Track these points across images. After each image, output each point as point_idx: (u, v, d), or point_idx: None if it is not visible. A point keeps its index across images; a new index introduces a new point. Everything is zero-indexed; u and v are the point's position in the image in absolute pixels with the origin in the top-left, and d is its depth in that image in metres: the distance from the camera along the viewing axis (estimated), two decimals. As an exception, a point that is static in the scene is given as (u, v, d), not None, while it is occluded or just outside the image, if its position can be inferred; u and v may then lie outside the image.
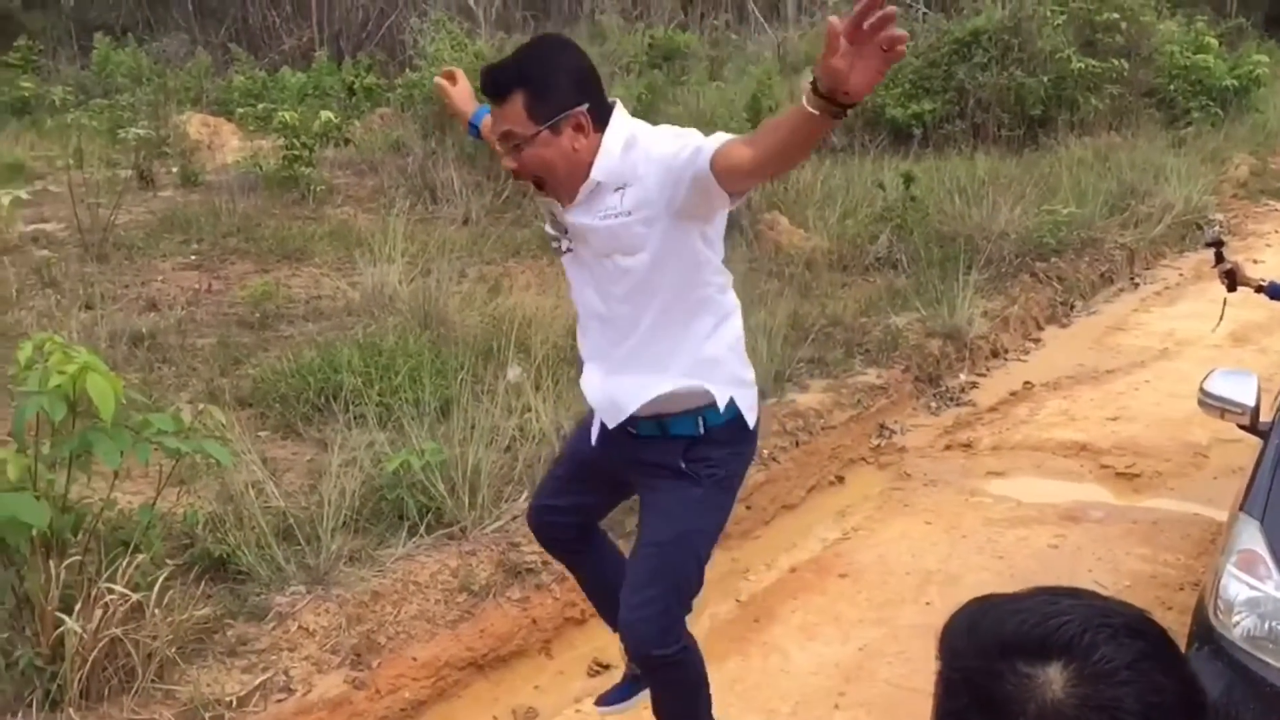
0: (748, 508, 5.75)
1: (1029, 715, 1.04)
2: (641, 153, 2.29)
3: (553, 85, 2.23)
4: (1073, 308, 9.49)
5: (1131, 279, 10.50)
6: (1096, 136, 14.53)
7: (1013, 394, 7.53)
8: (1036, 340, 8.78)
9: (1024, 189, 10.47)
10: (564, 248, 2.49)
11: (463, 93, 2.92)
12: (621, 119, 2.33)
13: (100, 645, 3.49)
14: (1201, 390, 4.30)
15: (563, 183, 2.34)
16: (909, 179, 9.75)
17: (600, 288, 2.48)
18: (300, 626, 4.07)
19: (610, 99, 2.36)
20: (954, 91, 14.39)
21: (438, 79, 2.97)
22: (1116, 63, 14.95)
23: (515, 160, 2.31)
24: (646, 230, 2.33)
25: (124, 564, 3.64)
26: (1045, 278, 9.48)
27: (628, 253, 2.37)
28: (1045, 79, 14.30)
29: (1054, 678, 1.04)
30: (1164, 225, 11.21)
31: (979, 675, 1.09)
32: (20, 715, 3.43)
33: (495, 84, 2.27)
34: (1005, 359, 8.29)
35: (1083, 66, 14.43)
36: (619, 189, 2.29)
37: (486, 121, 2.73)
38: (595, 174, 2.28)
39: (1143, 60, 15.86)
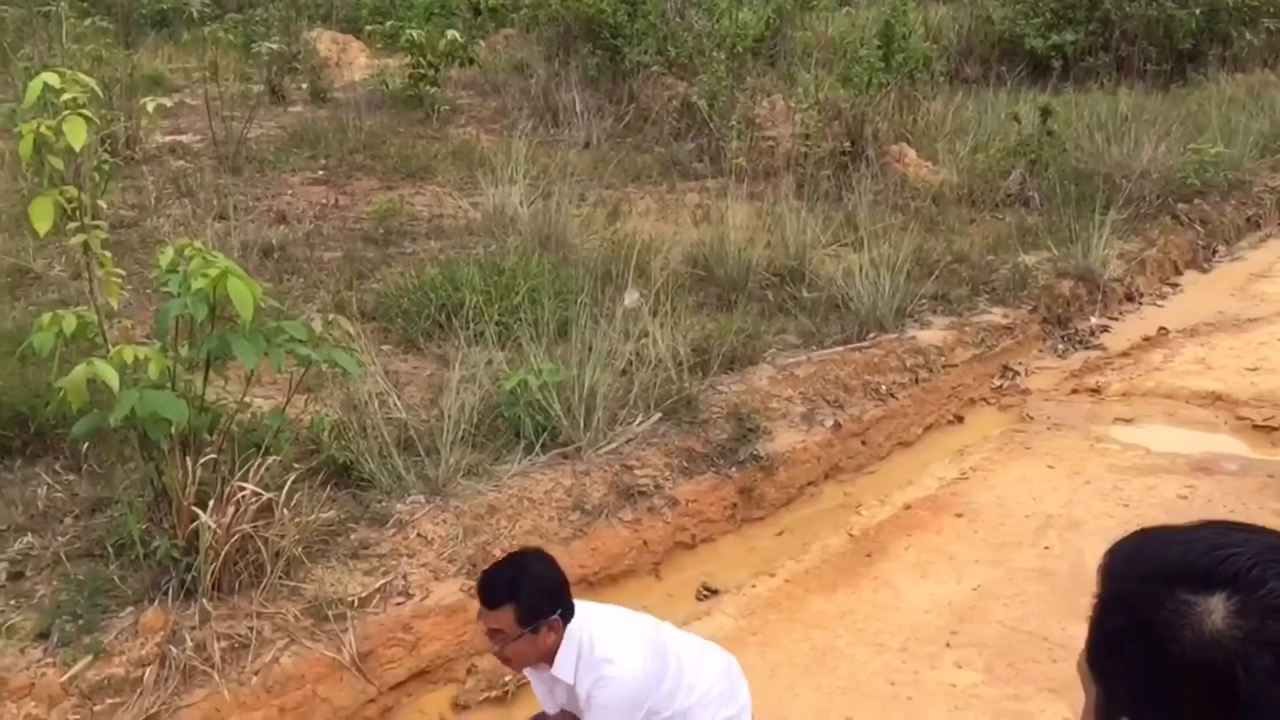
0: (863, 443, 5.68)
1: (1184, 644, 1.01)
2: (588, 677, 2.74)
3: (537, 600, 2.70)
4: (1215, 252, 9.07)
5: (1280, 224, 9.98)
6: (1250, 73, 13.76)
7: (1146, 339, 7.25)
8: (1174, 285, 8.42)
9: (1169, 126, 9.96)
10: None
11: None
12: (574, 626, 2.78)
13: (232, 540, 3.63)
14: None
15: (533, 664, 2.84)
16: (1046, 112, 9.35)
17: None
18: (419, 534, 4.17)
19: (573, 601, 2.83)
20: (1098, 22, 13.73)
21: None
22: (1277, -6, 14.10)
23: (500, 649, 2.76)
24: None
25: (255, 465, 3.77)
26: (1187, 220, 9.05)
27: None
28: (1197, 11, 13.54)
29: (1215, 607, 1.00)
30: (1319, 169, 10.61)
31: (1137, 599, 1.06)
32: (157, 602, 3.60)
33: (490, 596, 2.71)
34: (1140, 303, 7.98)
35: (1239, -2, 13.63)
36: (586, 699, 2.76)
37: None
38: (555, 670, 2.78)
39: (1306, -8, 14.89)
